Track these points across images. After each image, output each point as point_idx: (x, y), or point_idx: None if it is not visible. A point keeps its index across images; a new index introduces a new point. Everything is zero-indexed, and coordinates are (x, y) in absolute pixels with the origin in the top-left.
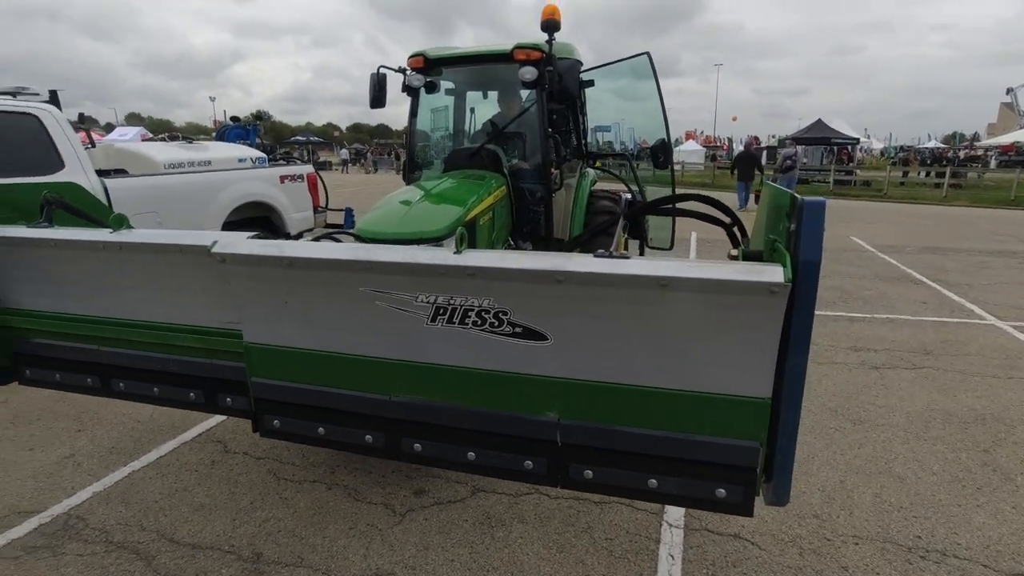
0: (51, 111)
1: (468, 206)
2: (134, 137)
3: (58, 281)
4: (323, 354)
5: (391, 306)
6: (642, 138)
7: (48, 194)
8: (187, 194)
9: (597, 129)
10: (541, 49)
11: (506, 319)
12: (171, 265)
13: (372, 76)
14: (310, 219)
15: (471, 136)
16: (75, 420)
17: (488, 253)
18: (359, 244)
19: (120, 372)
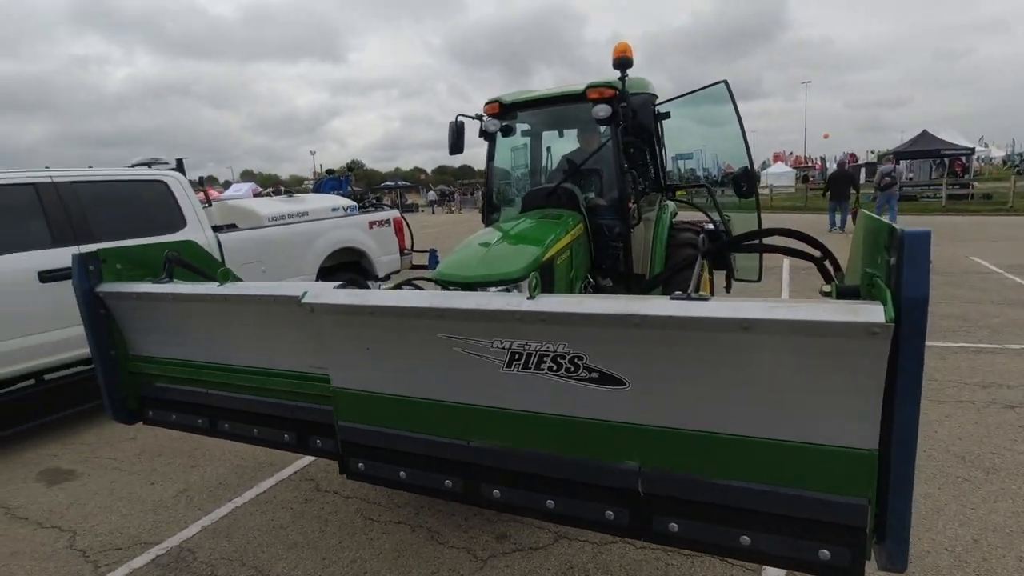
0: (177, 177)
1: (545, 246)
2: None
3: (176, 330)
4: (404, 399)
5: (468, 352)
6: (726, 163)
7: (169, 252)
8: (287, 243)
9: (679, 157)
10: (614, 86)
11: (582, 364)
12: (267, 314)
13: (451, 124)
14: (397, 261)
15: (548, 175)
16: (189, 457)
17: (561, 298)
18: (435, 292)
19: (225, 414)
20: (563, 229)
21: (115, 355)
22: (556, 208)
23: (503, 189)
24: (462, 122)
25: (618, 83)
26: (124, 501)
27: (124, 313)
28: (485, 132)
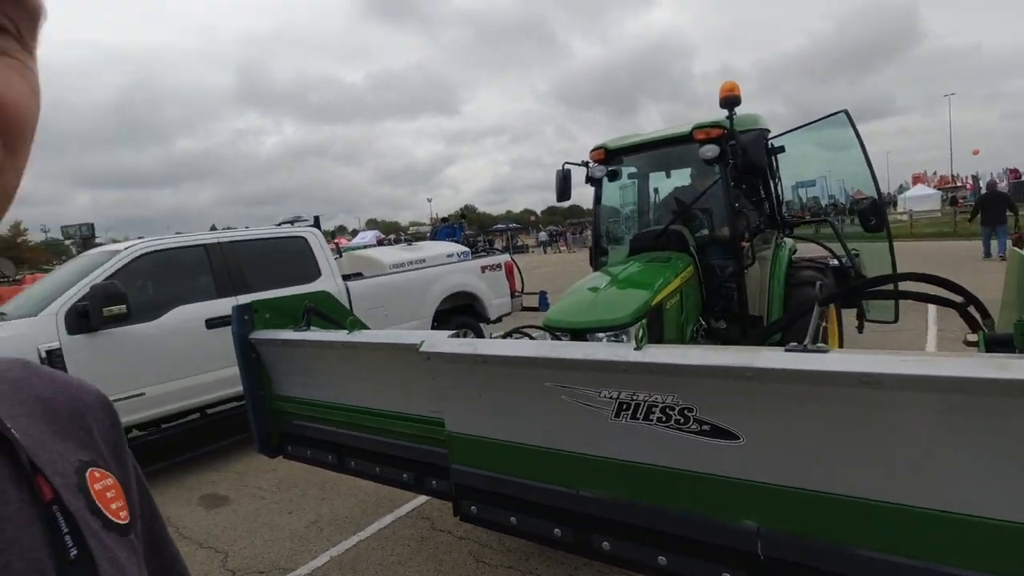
0: (315, 233)
1: (654, 291)
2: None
3: (312, 373)
4: (515, 445)
5: (576, 401)
6: (855, 189)
7: (307, 303)
8: (407, 289)
9: (799, 185)
10: (721, 126)
11: (692, 416)
12: (389, 361)
13: (558, 172)
14: (508, 304)
15: (655, 215)
16: (320, 489)
17: (668, 349)
18: (542, 342)
19: (352, 452)
20: (672, 272)
21: (263, 395)
22: (665, 250)
23: (611, 228)
24: (568, 169)
25: (726, 122)
26: (266, 527)
27: (271, 357)
28: (591, 178)
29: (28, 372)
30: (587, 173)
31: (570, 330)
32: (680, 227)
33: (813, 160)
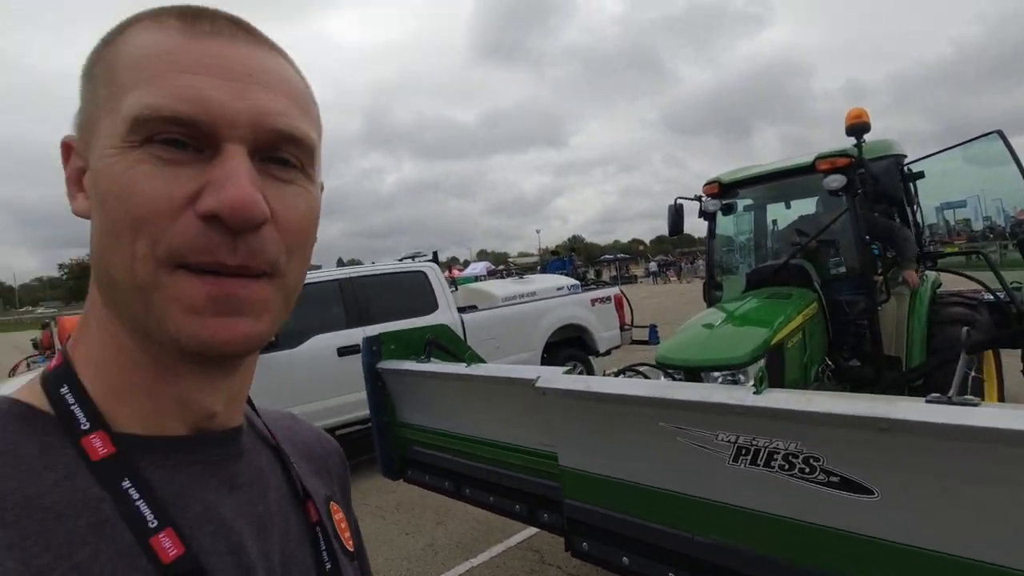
0: (433, 267)
1: (774, 329)
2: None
3: (431, 403)
4: (628, 484)
5: (691, 442)
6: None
7: (429, 336)
8: (518, 322)
9: (945, 207)
10: (848, 154)
11: (819, 466)
12: (505, 394)
13: (670, 208)
14: (617, 337)
15: (774, 250)
16: (435, 513)
17: (790, 394)
18: (656, 381)
19: (467, 480)
20: (794, 309)
21: (387, 421)
22: (785, 285)
23: (726, 261)
24: (681, 204)
25: (853, 150)
26: (385, 546)
27: (395, 386)
28: (705, 213)
29: (293, 422)
30: (700, 207)
31: (684, 368)
32: (802, 261)
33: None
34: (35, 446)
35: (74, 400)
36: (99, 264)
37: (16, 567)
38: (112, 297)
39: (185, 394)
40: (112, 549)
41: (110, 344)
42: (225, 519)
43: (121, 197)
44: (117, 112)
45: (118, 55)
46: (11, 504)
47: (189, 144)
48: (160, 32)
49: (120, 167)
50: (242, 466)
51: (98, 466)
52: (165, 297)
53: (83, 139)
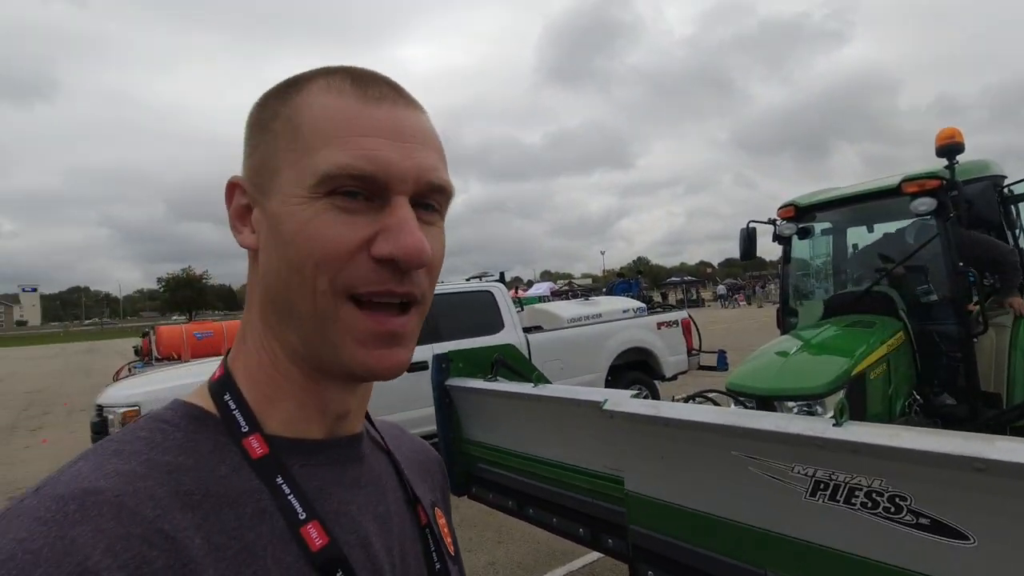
0: (500, 287)
1: (855, 358)
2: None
3: (497, 421)
4: (697, 513)
5: (765, 474)
6: None
7: (496, 356)
8: (583, 343)
9: None
10: (939, 176)
11: (906, 506)
12: (571, 415)
13: (742, 231)
14: (685, 362)
15: (855, 275)
16: (497, 532)
17: (874, 428)
18: (728, 409)
19: (530, 500)
20: (877, 338)
21: (453, 437)
22: (867, 313)
23: (801, 286)
24: (753, 228)
25: (944, 172)
26: None
27: (461, 403)
28: (780, 236)
29: (400, 431)
30: (775, 231)
31: (756, 396)
32: (887, 288)
33: None
34: (209, 443)
35: (235, 406)
36: (274, 293)
37: (202, 544)
38: (284, 322)
39: (327, 403)
40: (271, 534)
41: (266, 360)
42: (354, 515)
43: (307, 239)
44: (304, 167)
45: (299, 115)
46: (196, 489)
47: (362, 195)
48: (339, 98)
49: (306, 214)
50: (364, 468)
51: (257, 463)
52: (341, 328)
53: (254, 182)
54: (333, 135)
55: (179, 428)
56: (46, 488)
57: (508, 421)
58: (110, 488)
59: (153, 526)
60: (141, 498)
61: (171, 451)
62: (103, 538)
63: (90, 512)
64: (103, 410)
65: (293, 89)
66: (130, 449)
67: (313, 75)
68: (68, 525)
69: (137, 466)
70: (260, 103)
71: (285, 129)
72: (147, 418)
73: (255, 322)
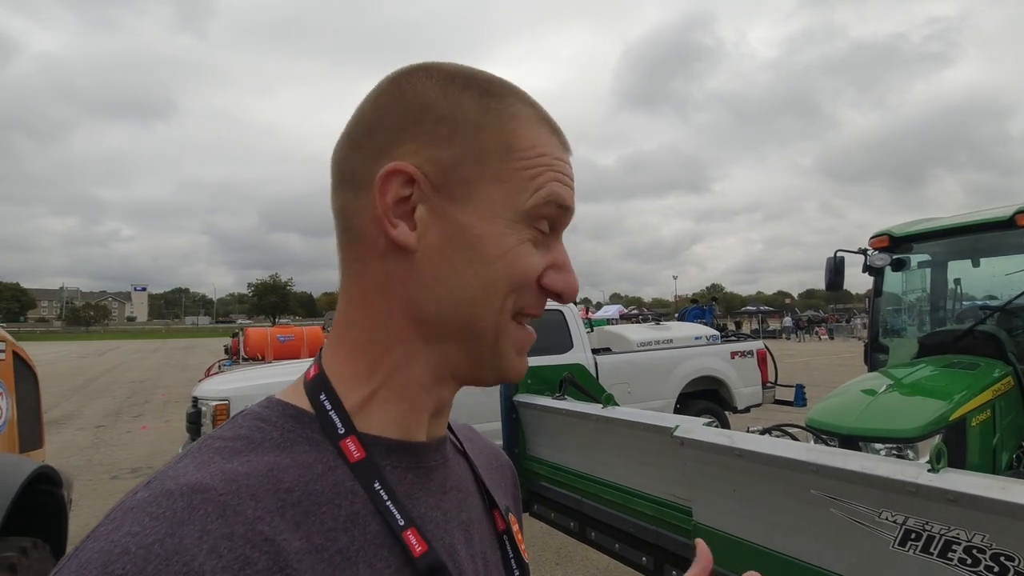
0: (571, 308)
1: (954, 402)
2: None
3: (562, 439)
4: (771, 552)
5: (848, 516)
6: None
7: (566, 375)
8: (652, 368)
9: None
10: None
11: (1013, 567)
12: (640, 440)
13: (828, 260)
14: (758, 394)
15: (955, 313)
16: (555, 554)
17: (979, 477)
18: (808, 445)
19: (593, 523)
20: (980, 382)
21: (517, 452)
22: (970, 355)
23: (893, 319)
24: (842, 258)
25: None
26: None
27: (528, 419)
28: (871, 267)
29: (474, 434)
30: (865, 261)
31: (839, 435)
32: (994, 327)
33: None
34: (305, 442)
35: (330, 407)
36: (446, 305)
37: (300, 545)
38: (454, 335)
39: (440, 404)
40: (364, 538)
41: (400, 365)
42: (440, 522)
43: (510, 265)
44: (522, 189)
45: (516, 138)
46: (295, 488)
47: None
48: (549, 137)
49: (512, 240)
50: (447, 473)
51: (355, 467)
52: (508, 341)
53: (436, 181)
54: (550, 169)
55: (276, 427)
56: (156, 483)
57: (574, 440)
58: (215, 487)
59: (254, 527)
60: (243, 497)
61: (270, 450)
62: (208, 538)
63: (197, 511)
64: (197, 402)
65: (492, 99)
66: (232, 447)
67: (509, 93)
68: (177, 523)
69: (239, 465)
70: (435, 89)
71: (498, 146)
72: (244, 415)
73: (394, 327)
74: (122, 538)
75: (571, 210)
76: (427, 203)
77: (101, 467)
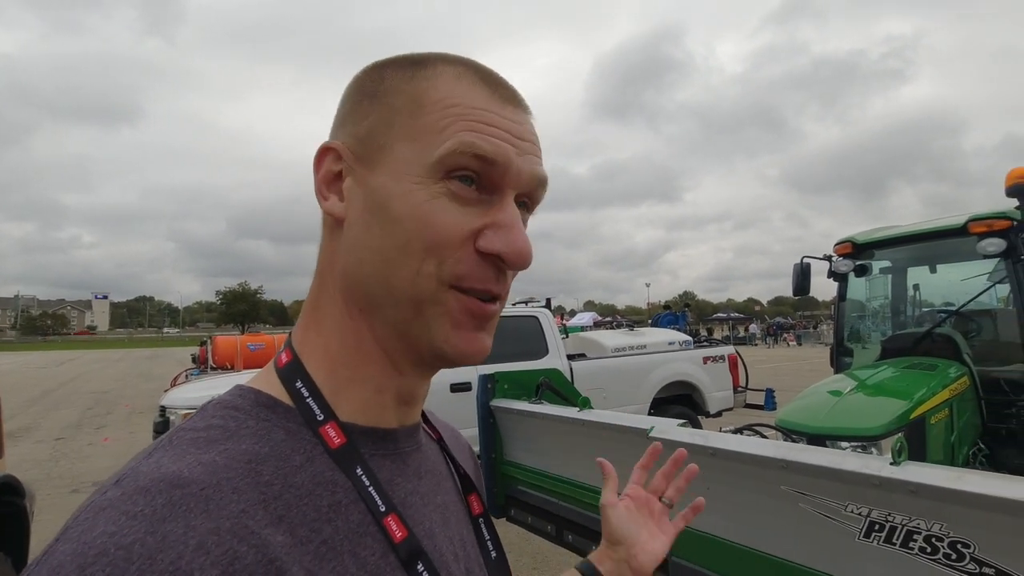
0: (546, 313)
1: (914, 401)
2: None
3: (539, 444)
4: (743, 548)
5: (816, 511)
6: None
7: (542, 379)
8: (627, 373)
9: None
10: (1009, 217)
11: (968, 554)
12: (616, 442)
13: (795, 267)
14: (730, 398)
15: (914, 317)
16: (532, 558)
17: (935, 470)
18: (779, 442)
19: (570, 525)
20: (939, 382)
21: (494, 457)
22: (928, 357)
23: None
24: (808, 263)
25: (1015, 212)
26: None
27: (504, 423)
28: (835, 273)
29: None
30: (830, 268)
31: (807, 434)
32: (950, 330)
33: None
34: (282, 431)
35: (308, 393)
36: (368, 269)
37: (284, 538)
38: (376, 302)
39: (405, 389)
40: (347, 527)
41: (350, 340)
42: (418, 506)
43: (420, 222)
44: (427, 143)
45: (426, 95)
46: (275, 480)
47: (476, 183)
48: (470, 88)
49: (421, 196)
50: (422, 457)
51: (336, 454)
52: (439, 311)
53: (356, 151)
54: (462, 118)
55: (250, 415)
56: (127, 480)
57: (551, 444)
58: (195, 480)
59: (240, 521)
60: (225, 491)
61: (246, 439)
62: (194, 534)
63: (178, 507)
64: (166, 411)
65: (419, 68)
66: (207, 437)
67: (439, 60)
68: (157, 520)
69: (217, 456)
70: (373, 73)
71: (407, 105)
72: (215, 404)
73: (335, 299)
74: (97, 539)
75: (504, 165)
76: (353, 174)
77: (61, 480)
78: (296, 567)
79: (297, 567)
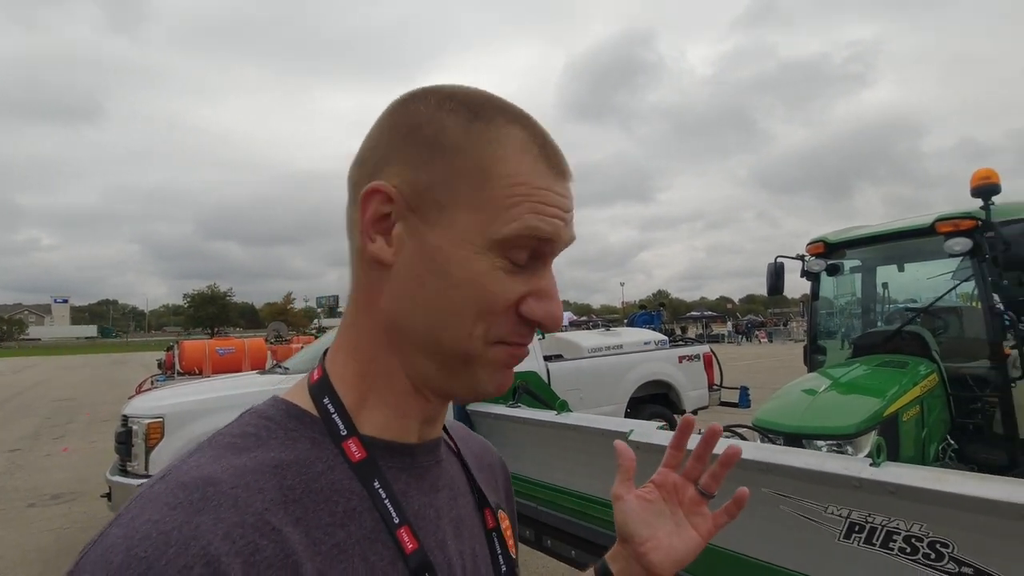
0: None
1: (887, 399)
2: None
3: (516, 447)
4: (725, 552)
5: (797, 513)
6: None
7: (520, 383)
8: (604, 374)
9: None
10: (974, 216)
11: (947, 553)
12: (596, 445)
13: (769, 266)
14: (705, 397)
15: (885, 315)
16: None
17: (914, 470)
18: (759, 444)
19: (549, 530)
20: (909, 379)
21: None
22: (899, 355)
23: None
24: (782, 263)
25: (980, 212)
26: None
27: (482, 428)
28: (808, 273)
29: (467, 432)
30: (803, 267)
31: (784, 434)
32: (920, 328)
33: None
34: (307, 441)
35: (334, 410)
36: (417, 322)
37: (300, 538)
38: (422, 350)
39: (428, 412)
40: (360, 533)
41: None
42: (432, 519)
43: (477, 290)
44: (493, 219)
45: (494, 168)
46: (297, 485)
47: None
48: (534, 165)
49: (481, 267)
50: (441, 472)
51: (356, 467)
52: (485, 362)
53: (410, 201)
54: (528, 199)
55: (281, 426)
56: (171, 476)
57: (528, 448)
58: (226, 480)
59: (263, 517)
60: (252, 491)
61: (275, 447)
62: (222, 526)
63: (211, 501)
64: (128, 420)
65: (481, 123)
66: (241, 444)
67: (499, 113)
68: (193, 512)
69: (247, 460)
70: (428, 113)
71: (473, 173)
72: (251, 413)
73: (375, 334)
74: (142, 525)
75: (556, 241)
76: (404, 221)
77: (16, 493)
78: (309, 565)
79: (310, 565)
